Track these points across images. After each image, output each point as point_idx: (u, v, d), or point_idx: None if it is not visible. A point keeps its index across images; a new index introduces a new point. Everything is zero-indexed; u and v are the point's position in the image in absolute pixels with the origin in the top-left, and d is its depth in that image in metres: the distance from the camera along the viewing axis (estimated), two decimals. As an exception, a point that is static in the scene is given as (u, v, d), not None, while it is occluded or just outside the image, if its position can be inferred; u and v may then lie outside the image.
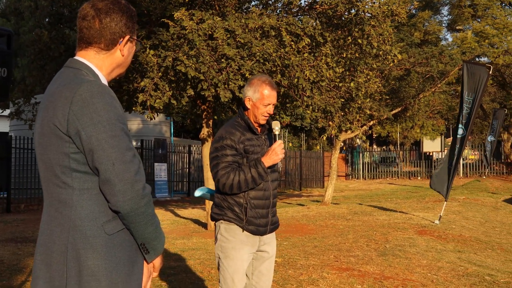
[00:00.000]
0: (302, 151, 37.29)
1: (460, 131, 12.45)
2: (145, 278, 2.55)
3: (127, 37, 2.58)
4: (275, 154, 4.15)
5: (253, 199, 4.17)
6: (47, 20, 14.06)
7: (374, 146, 58.11)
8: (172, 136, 28.44)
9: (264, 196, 4.23)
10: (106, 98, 2.37)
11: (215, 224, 4.30)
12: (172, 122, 28.95)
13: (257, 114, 4.20)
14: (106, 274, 2.36)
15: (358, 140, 50.43)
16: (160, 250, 2.55)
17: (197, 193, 4.75)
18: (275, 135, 4.29)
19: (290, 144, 46.33)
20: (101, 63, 2.56)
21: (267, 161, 4.14)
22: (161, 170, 24.09)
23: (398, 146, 52.44)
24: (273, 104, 4.25)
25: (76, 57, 2.58)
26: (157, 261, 2.58)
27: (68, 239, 2.37)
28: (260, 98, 4.18)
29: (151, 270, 2.59)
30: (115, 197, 2.33)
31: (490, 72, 12.27)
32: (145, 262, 2.55)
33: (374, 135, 56.76)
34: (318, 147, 47.30)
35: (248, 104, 4.22)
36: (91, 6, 2.54)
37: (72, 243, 2.36)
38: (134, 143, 25.41)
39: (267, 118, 4.26)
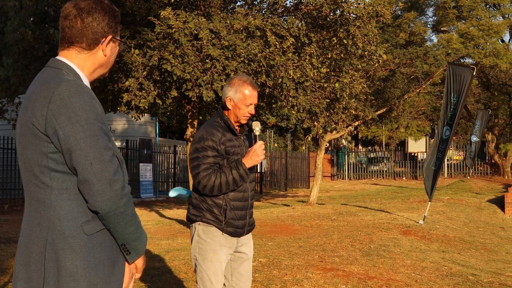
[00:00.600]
0: (288, 151, 37.32)
1: (447, 132, 12.51)
2: (126, 279, 2.53)
3: (109, 37, 2.56)
4: (256, 155, 4.13)
5: (233, 200, 4.15)
6: (31, 19, 13.99)
7: (360, 147, 58.24)
8: (157, 136, 28.37)
9: (243, 197, 4.21)
10: (85, 97, 2.35)
11: (191, 225, 4.24)
12: (157, 123, 28.88)
13: (238, 114, 4.18)
14: (85, 274, 2.34)
15: (343, 140, 50.55)
16: (142, 251, 2.53)
17: (172, 193, 4.71)
18: (255, 135, 4.27)
19: (276, 145, 46.36)
20: (82, 62, 2.54)
21: (248, 162, 4.11)
22: (146, 171, 24.03)
23: (384, 146, 52.65)
24: (254, 104, 4.24)
25: (58, 57, 2.56)
26: (139, 262, 2.56)
27: (46, 239, 2.35)
28: (242, 98, 4.15)
29: (133, 271, 2.57)
30: (93, 197, 2.31)
31: (474, 73, 12.33)
32: (126, 263, 2.53)
33: (360, 136, 56.93)
34: (303, 148, 47.36)
35: (229, 105, 4.18)
36: (74, 6, 2.52)
37: (50, 243, 2.34)
38: (119, 143, 25.37)
39: (248, 118, 4.25)
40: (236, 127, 4.23)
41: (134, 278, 2.61)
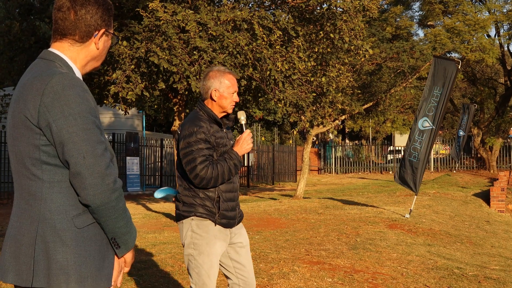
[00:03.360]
0: (275, 145, 37.34)
1: (425, 124, 12.55)
2: (115, 272, 2.53)
3: (102, 30, 2.55)
4: (246, 143, 4.17)
5: (225, 192, 4.15)
6: (17, 11, 13.88)
7: (347, 141, 58.40)
8: (144, 129, 28.30)
9: (233, 188, 4.23)
10: (78, 90, 2.35)
11: (181, 223, 4.20)
12: (144, 116, 28.80)
13: (225, 104, 4.19)
14: (75, 268, 2.34)
15: (330, 134, 50.67)
16: (131, 245, 2.53)
17: (158, 194, 4.67)
18: (241, 124, 4.30)
19: (263, 139, 46.37)
20: (75, 55, 2.53)
21: (240, 150, 4.15)
22: (133, 164, 23.97)
23: (370, 140, 52.81)
24: (236, 92, 4.28)
25: (50, 49, 2.54)
26: (128, 256, 2.57)
27: (37, 232, 2.34)
28: (227, 87, 4.18)
29: (122, 265, 2.58)
30: (85, 190, 2.32)
31: (459, 67, 12.39)
32: (116, 257, 2.54)
33: (347, 130, 57.07)
34: (290, 142, 47.43)
35: (215, 96, 4.17)
36: None
37: (41, 236, 2.34)
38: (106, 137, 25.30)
39: (233, 105, 4.28)
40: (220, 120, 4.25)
41: (123, 272, 2.61)
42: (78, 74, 2.52)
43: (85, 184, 2.30)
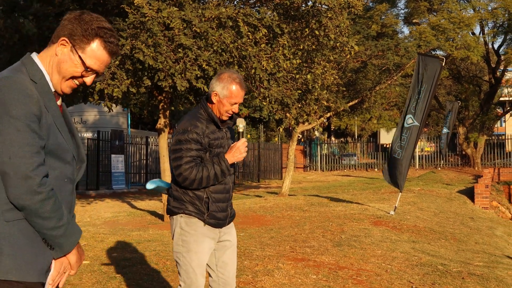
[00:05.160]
0: (261, 142, 37.34)
1: (409, 121, 12.60)
2: (55, 272, 2.56)
3: (65, 39, 2.58)
4: (239, 152, 4.11)
5: (214, 193, 4.11)
6: (1, 8, 13.75)
7: (332, 138, 58.52)
8: (129, 127, 28.19)
9: (224, 189, 4.19)
10: (18, 95, 2.40)
11: (172, 218, 4.20)
12: (129, 114, 28.68)
13: (221, 111, 4.11)
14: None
15: (316, 132, 50.71)
16: (67, 249, 2.56)
17: (150, 185, 4.64)
18: (239, 132, 4.23)
19: (249, 136, 46.35)
20: (48, 59, 2.62)
21: (231, 158, 4.08)
22: (118, 162, 23.88)
23: (356, 138, 52.94)
24: (239, 104, 4.18)
25: (30, 53, 2.64)
26: (72, 258, 2.60)
27: None
28: (228, 96, 4.07)
29: (66, 266, 2.61)
30: (9, 189, 2.37)
31: (444, 64, 12.44)
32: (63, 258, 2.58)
33: (333, 127, 57.19)
34: (276, 139, 47.45)
35: (214, 99, 4.10)
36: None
37: None
38: (90, 135, 25.19)
39: (230, 115, 4.19)
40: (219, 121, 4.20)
41: (69, 273, 2.63)
42: (48, 81, 2.59)
43: (9, 184, 2.36)
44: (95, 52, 2.59)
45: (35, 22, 12.00)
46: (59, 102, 2.68)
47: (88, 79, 2.65)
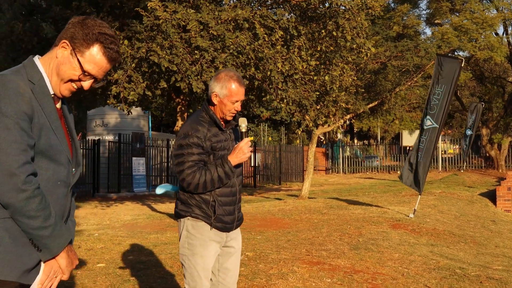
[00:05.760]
0: (282, 145, 37.27)
1: (427, 122, 12.47)
2: (44, 275, 2.54)
3: (66, 41, 2.61)
4: (242, 153, 4.06)
5: (220, 196, 4.08)
6: (20, 11, 13.86)
7: (355, 141, 58.28)
8: (150, 130, 28.27)
9: (231, 193, 4.15)
10: (10, 92, 2.42)
11: (179, 221, 4.18)
12: (150, 116, 28.78)
13: (224, 111, 4.08)
14: None
15: (339, 134, 50.57)
16: (55, 251, 2.54)
17: (159, 190, 4.63)
18: (241, 132, 4.18)
19: (270, 138, 46.31)
20: (48, 61, 2.65)
21: (234, 160, 4.04)
22: (139, 165, 23.97)
23: (379, 140, 52.64)
24: (241, 101, 4.13)
25: (33, 56, 2.68)
26: (62, 262, 2.58)
27: None
28: (228, 94, 4.03)
29: (56, 270, 2.58)
30: None
31: (462, 65, 12.30)
32: (48, 260, 2.56)
33: (355, 130, 56.96)
34: (298, 141, 47.34)
35: (214, 100, 4.07)
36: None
37: None
38: (111, 137, 25.30)
39: (234, 114, 4.15)
40: (222, 122, 4.15)
41: (61, 278, 2.61)
42: (48, 83, 2.61)
43: None
44: (94, 57, 2.60)
45: (54, 25, 12.07)
46: (58, 105, 2.69)
47: (86, 84, 2.66)
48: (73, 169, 2.71)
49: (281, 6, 12.15)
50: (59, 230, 2.52)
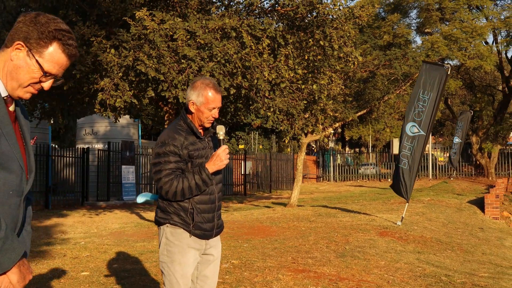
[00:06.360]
0: (272, 153, 37.30)
1: (414, 129, 12.49)
2: None
3: (20, 42, 2.44)
4: (220, 160, 4.07)
5: (199, 203, 4.08)
6: (10, 20, 13.86)
7: (347, 149, 58.36)
8: (140, 138, 28.24)
9: (210, 200, 4.15)
10: None
11: (159, 228, 4.18)
12: (140, 125, 28.76)
13: (202, 118, 4.10)
14: None
15: (330, 142, 50.61)
16: (5, 266, 2.37)
17: (140, 199, 4.64)
18: (219, 140, 4.18)
19: (261, 147, 46.30)
20: (1, 64, 2.47)
21: (212, 167, 4.05)
22: (128, 173, 23.93)
23: (370, 148, 52.75)
24: (218, 108, 4.16)
25: None
26: (13, 278, 2.42)
27: None
28: (205, 102, 4.06)
29: (6, 286, 2.41)
30: None
31: (449, 72, 12.35)
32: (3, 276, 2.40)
33: (347, 138, 57.04)
34: (289, 150, 47.37)
35: (192, 108, 4.10)
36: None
37: None
38: (101, 146, 25.26)
39: (212, 121, 4.17)
40: (200, 130, 4.17)
41: None
42: (1, 88, 2.45)
43: None
44: (53, 56, 2.45)
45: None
46: (11, 108, 2.52)
47: (46, 84, 2.51)
48: (27, 177, 2.53)
49: (269, 15, 12.20)
50: (11, 244, 2.35)
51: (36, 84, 2.50)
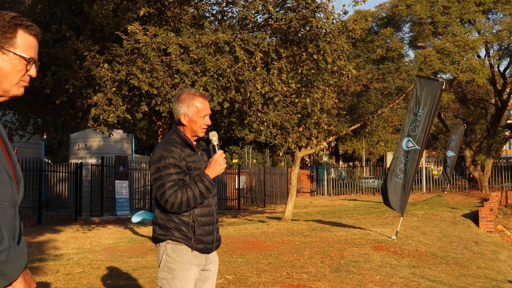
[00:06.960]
0: (266, 167, 37.26)
1: (409, 144, 12.49)
2: None
3: None
4: (218, 165, 4.08)
5: (200, 216, 4.06)
6: None
7: (340, 163, 58.35)
8: (133, 153, 28.16)
9: (209, 212, 4.13)
10: None
11: (158, 245, 4.13)
12: (133, 139, 28.69)
13: (195, 128, 4.10)
14: None
15: (324, 156, 50.62)
16: (12, 276, 2.35)
17: (135, 218, 4.58)
18: (214, 145, 4.19)
19: (255, 161, 46.25)
20: None
21: (211, 172, 4.05)
22: (122, 188, 23.83)
23: (364, 162, 52.77)
24: (208, 115, 4.18)
25: None
26: (19, 287, 2.39)
27: None
28: (196, 111, 4.08)
29: None
30: None
31: (443, 87, 12.37)
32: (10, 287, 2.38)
33: (341, 152, 57.07)
34: (282, 164, 47.34)
35: (184, 121, 4.10)
36: None
37: None
38: (94, 160, 25.17)
39: (205, 129, 4.18)
40: (194, 142, 4.16)
41: None
42: None
43: None
44: (25, 41, 2.42)
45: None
46: None
47: (32, 71, 2.47)
48: (17, 187, 2.48)
49: (262, 29, 12.20)
50: (14, 254, 2.34)
51: (25, 76, 2.46)
